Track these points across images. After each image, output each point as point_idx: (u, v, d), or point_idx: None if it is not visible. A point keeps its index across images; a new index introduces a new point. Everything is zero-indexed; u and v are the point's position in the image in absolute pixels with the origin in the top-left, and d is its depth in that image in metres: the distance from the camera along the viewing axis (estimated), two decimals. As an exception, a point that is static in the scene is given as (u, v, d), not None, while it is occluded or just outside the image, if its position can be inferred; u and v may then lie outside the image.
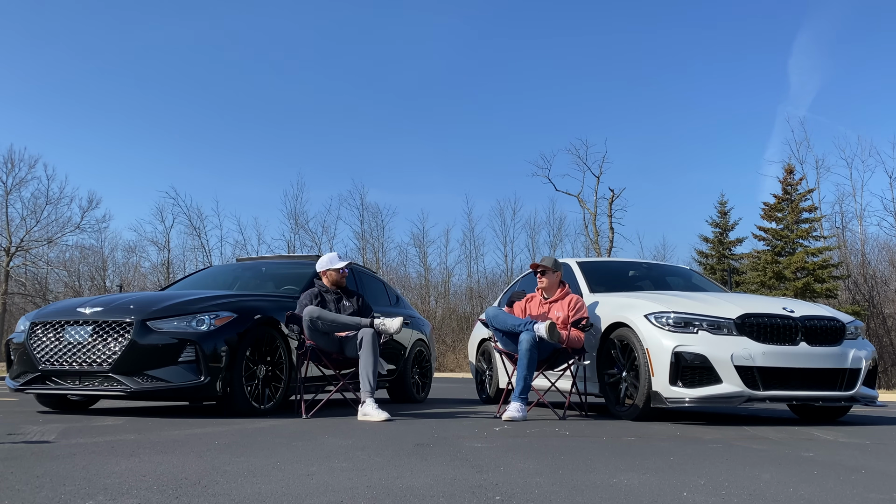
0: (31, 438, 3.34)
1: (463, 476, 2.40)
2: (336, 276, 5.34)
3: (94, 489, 2.06)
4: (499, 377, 7.06)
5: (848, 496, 2.16)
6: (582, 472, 2.55)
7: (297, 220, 37.86)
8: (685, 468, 2.68)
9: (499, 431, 4.05)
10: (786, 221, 26.07)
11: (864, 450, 3.46)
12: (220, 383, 4.63)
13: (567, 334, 5.08)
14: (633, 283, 6.44)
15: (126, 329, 4.60)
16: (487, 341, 7.28)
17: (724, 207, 30.24)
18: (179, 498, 1.96)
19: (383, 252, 38.82)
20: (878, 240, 31.65)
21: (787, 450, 3.37)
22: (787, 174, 26.83)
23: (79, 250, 36.44)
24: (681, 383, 4.60)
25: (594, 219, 34.22)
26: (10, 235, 32.93)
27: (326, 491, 2.09)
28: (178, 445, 3.12)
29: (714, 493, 2.15)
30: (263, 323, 4.99)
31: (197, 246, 37.60)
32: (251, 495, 2.01)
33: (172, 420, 4.45)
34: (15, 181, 33.12)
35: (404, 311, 7.45)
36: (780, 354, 4.66)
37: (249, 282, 6.48)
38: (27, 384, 4.78)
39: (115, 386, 4.54)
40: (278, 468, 2.50)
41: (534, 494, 2.09)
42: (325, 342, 4.98)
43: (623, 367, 5.09)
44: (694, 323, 4.74)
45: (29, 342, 4.80)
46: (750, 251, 28.10)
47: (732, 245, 29.85)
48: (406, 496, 2.03)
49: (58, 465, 2.51)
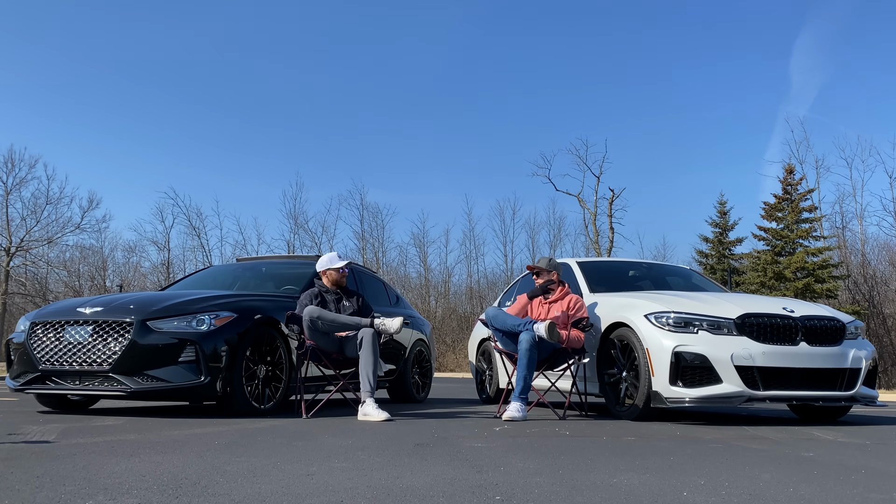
0: (31, 438, 3.34)
1: (463, 476, 2.40)
2: (336, 275, 5.34)
3: (94, 489, 2.06)
4: (499, 377, 7.06)
5: (848, 496, 2.16)
6: (582, 472, 2.55)
7: (296, 220, 37.88)
8: (685, 468, 2.68)
9: (499, 431, 4.05)
10: (786, 221, 26.07)
11: (865, 450, 3.46)
12: (220, 383, 4.63)
13: (567, 334, 5.08)
14: (633, 283, 6.44)
15: (126, 329, 4.60)
16: (487, 341, 7.28)
17: (724, 207, 30.25)
18: (179, 498, 1.96)
19: (383, 252, 38.86)
20: (878, 240, 31.65)
21: (787, 450, 3.37)
22: (787, 174, 26.83)
23: (79, 250, 36.46)
24: (681, 383, 4.60)
25: (594, 219, 34.23)
26: (10, 235, 32.93)
27: (326, 491, 2.09)
28: (178, 445, 3.12)
29: (714, 493, 2.15)
30: (263, 323, 4.99)
31: (197, 246, 37.62)
32: (251, 495, 2.01)
33: (172, 420, 4.45)
34: (15, 181, 33.15)
35: (404, 311, 7.45)
36: (781, 354, 4.66)
37: (249, 282, 6.49)
38: (27, 384, 4.78)
39: (115, 386, 4.54)
40: (278, 468, 2.50)
41: (534, 494, 2.09)
42: (325, 342, 4.98)
43: (623, 367, 5.09)
44: (694, 323, 4.73)
45: (29, 342, 4.80)
46: (750, 251, 28.09)
47: (732, 245, 29.84)
48: (406, 496, 2.03)
49: (58, 465, 2.51)
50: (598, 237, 33.86)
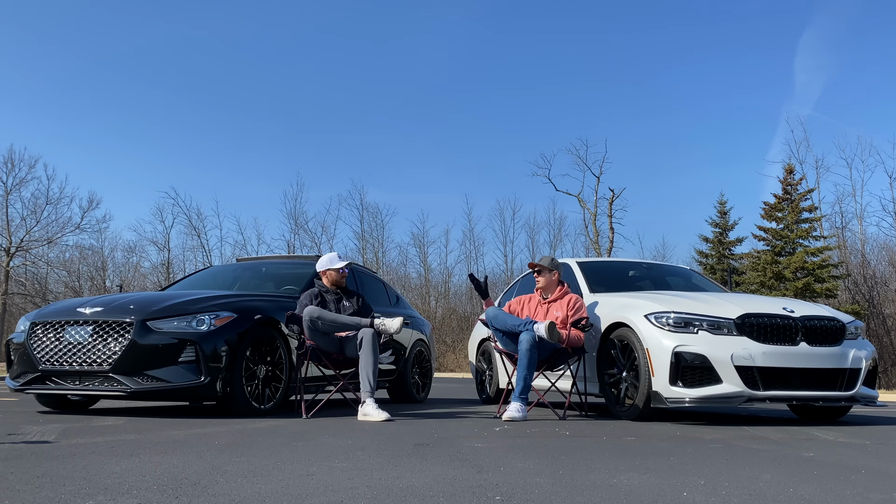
0: (31, 438, 3.34)
1: (463, 476, 2.40)
2: (336, 276, 5.34)
3: (94, 489, 2.06)
4: (499, 377, 7.06)
5: (848, 496, 2.16)
6: (582, 472, 2.55)
7: (296, 220, 37.89)
8: (685, 468, 2.67)
9: (499, 431, 4.05)
10: (786, 221, 26.06)
11: (865, 450, 3.46)
12: (221, 383, 4.63)
13: (567, 334, 5.08)
14: (633, 283, 6.44)
15: (126, 329, 4.60)
16: (487, 341, 7.28)
17: (723, 207, 30.24)
18: (179, 498, 1.96)
19: (383, 252, 38.86)
20: (877, 240, 31.67)
21: (787, 450, 3.37)
22: (787, 174, 26.82)
23: (79, 250, 36.46)
24: (681, 383, 4.60)
25: (594, 219, 34.24)
26: (10, 235, 32.95)
27: (326, 491, 2.09)
28: (178, 445, 3.12)
29: (714, 493, 2.15)
30: (263, 323, 4.99)
31: (197, 246, 37.64)
32: (251, 495, 2.01)
33: (172, 420, 4.45)
34: (15, 181, 33.17)
35: (404, 311, 7.45)
36: (781, 354, 4.66)
37: (249, 282, 6.49)
38: (27, 384, 4.78)
39: (115, 386, 4.54)
40: (278, 468, 2.50)
41: (534, 494, 2.09)
42: (325, 342, 4.98)
43: (623, 367, 5.09)
44: (694, 323, 4.73)
45: (29, 342, 4.80)
46: (750, 251, 28.08)
47: (732, 245, 29.84)
48: (406, 496, 2.03)
49: (58, 465, 2.51)
50: (598, 237, 33.89)
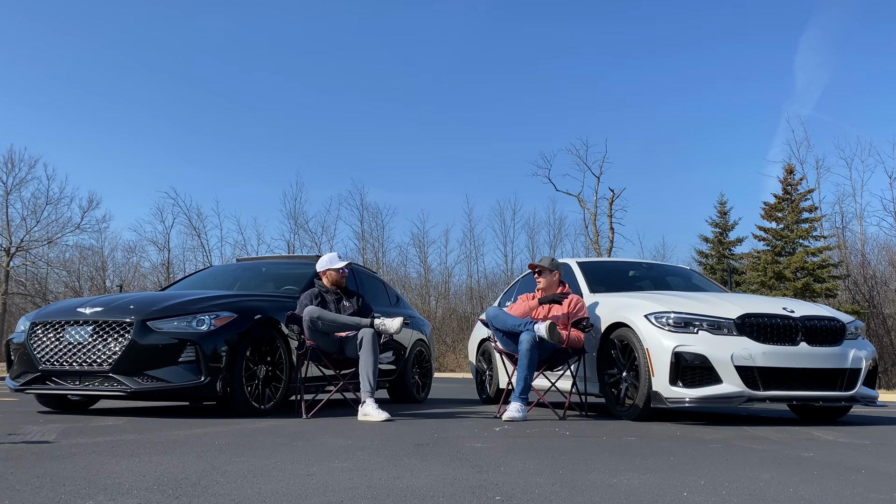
0: (31, 438, 3.34)
1: (463, 476, 2.40)
2: (336, 276, 5.34)
3: (94, 489, 2.06)
4: (499, 377, 7.06)
5: (848, 496, 2.16)
6: (582, 472, 2.55)
7: (296, 220, 37.88)
8: (685, 468, 2.67)
9: (499, 431, 4.05)
10: (786, 221, 26.06)
11: (865, 450, 3.46)
12: (221, 383, 4.63)
13: (567, 334, 5.08)
14: (633, 283, 6.44)
15: (126, 329, 4.60)
16: (487, 341, 7.28)
17: (723, 207, 30.26)
18: (179, 498, 1.96)
19: (383, 252, 38.86)
20: (877, 240, 31.67)
21: (788, 450, 3.37)
22: (787, 174, 26.82)
23: (79, 250, 36.46)
24: (681, 383, 4.60)
25: (594, 219, 34.23)
26: (10, 235, 32.94)
27: (327, 491, 2.09)
28: (178, 445, 3.12)
29: (714, 494, 2.15)
30: (263, 323, 4.99)
31: (197, 246, 37.63)
32: (251, 495, 2.01)
33: (172, 420, 4.45)
34: (15, 181, 33.15)
35: (404, 311, 7.45)
36: (781, 354, 4.66)
37: (249, 282, 6.49)
38: (27, 384, 4.78)
39: (115, 386, 4.54)
40: (278, 468, 2.50)
41: (534, 494, 2.09)
42: (325, 342, 4.98)
43: (623, 367, 5.09)
44: (694, 323, 4.73)
45: (29, 342, 4.80)
46: (750, 251, 28.08)
47: (732, 245, 29.85)
48: (406, 496, 2.03)
49: (58, 465, 2.51)
50: (598, 237, 33.88)
